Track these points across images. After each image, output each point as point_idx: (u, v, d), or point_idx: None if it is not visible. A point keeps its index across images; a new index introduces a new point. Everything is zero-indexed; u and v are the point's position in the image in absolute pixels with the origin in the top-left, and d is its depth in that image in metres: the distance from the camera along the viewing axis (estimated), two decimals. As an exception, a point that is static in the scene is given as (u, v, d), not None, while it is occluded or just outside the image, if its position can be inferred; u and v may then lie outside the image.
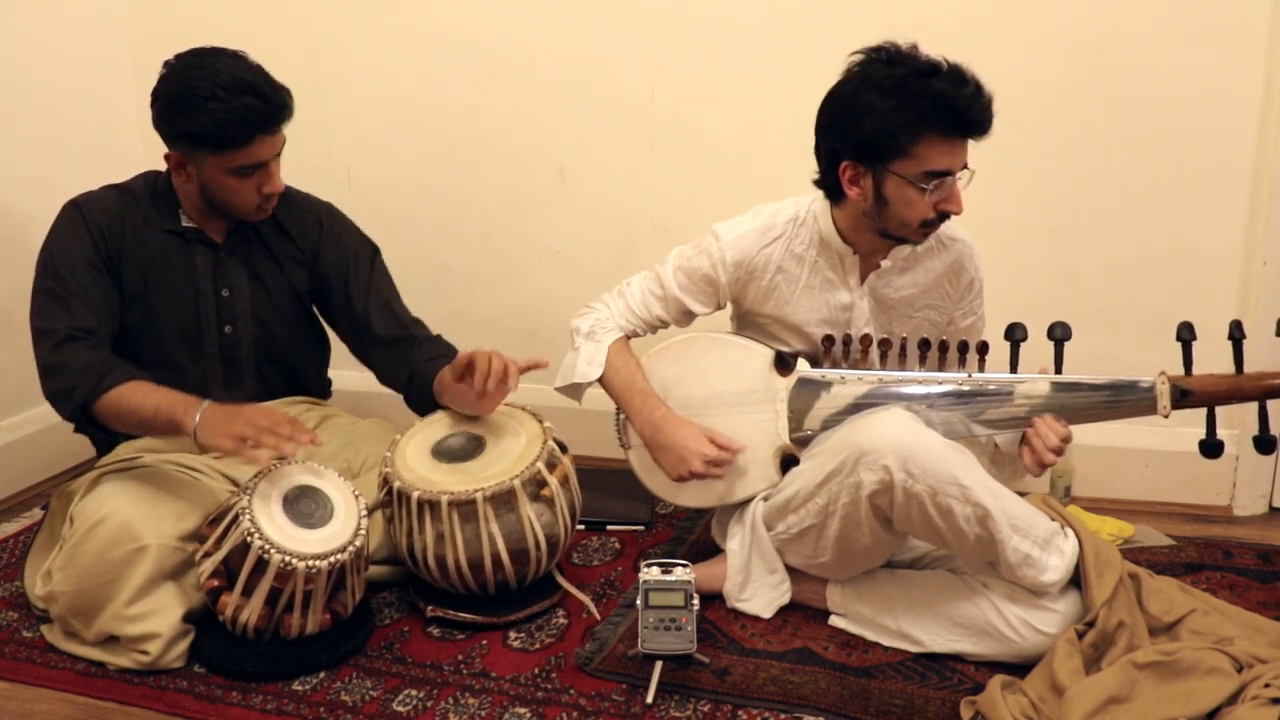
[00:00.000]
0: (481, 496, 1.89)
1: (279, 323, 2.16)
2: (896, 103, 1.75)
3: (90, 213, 2.00)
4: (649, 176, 2.65)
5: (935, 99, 1.74)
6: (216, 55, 1.93)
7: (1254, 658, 1.67)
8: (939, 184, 1.80)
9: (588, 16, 2.60)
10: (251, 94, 1.90)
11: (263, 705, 1.79)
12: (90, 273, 1.97)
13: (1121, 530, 2.32)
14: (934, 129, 1.76)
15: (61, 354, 1.90)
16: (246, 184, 1.97)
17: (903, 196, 1.82)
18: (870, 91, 1.78)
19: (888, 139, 1.77)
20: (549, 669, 1.87)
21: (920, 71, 1.76)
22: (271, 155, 1.98)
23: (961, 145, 1.80)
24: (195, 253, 2.06)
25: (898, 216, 1.84)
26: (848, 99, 1.81)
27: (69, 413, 1.91)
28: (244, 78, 1.90)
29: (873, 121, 1.77)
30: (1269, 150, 2.28)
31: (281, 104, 1.94)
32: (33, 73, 2.68)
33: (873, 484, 1.77)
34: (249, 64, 1.95)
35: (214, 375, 2.12)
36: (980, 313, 2.09)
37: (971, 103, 1.75)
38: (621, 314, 2.10)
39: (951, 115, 1.75)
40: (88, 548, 1.82)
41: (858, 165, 1.83)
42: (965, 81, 1.76)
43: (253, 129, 1.91)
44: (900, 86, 1.75)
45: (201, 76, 1.89)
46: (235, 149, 1.92)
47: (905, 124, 1.76)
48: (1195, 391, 1.80)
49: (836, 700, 1.76)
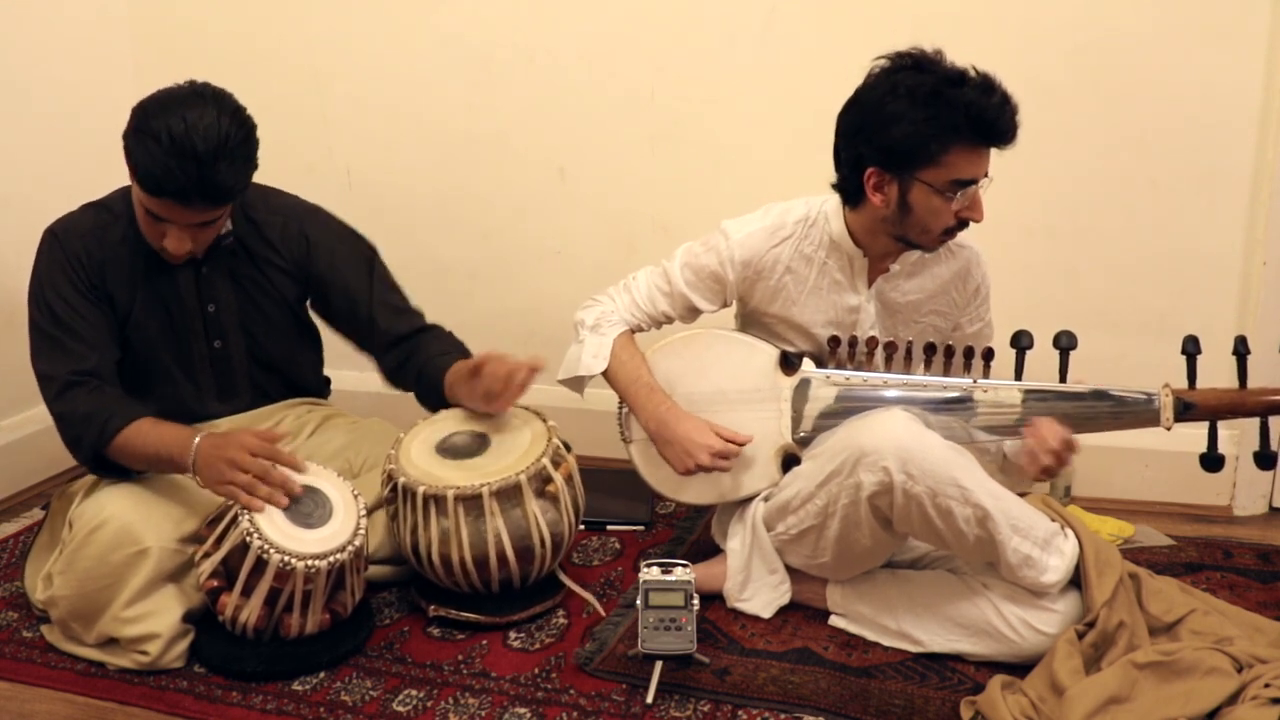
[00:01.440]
0: (488, 491, 1.89)
1: (269, 332, 2.13)
2: (927, 112, 1.75)
3: (68, 241, 1.94)
4: (649, 176, 2.65)
5: (968, 109, 1.73)
6: (206, 108, 1.79)
7: (1254, 658, 1.67)
8: (964, 192, 1.80)
9: (588, 16, 2.60)
10: (188, 160, 1.76)
11: (263, 705, 1.79)
12: (82, 303, 1.93)
13: (1121, 530, 2.32)
14: (964, 138, 1.76)
15: (63, 403, 1.89)
16: (153, 227, 1.90)
17: (928, 204, 1.81)
18: (900, 100, 1.77)
19: (918, 147, 1.77)
20: (549, 669, 1.87)
21: (951, 80, 1.75)
22: (182, 221, 1.86)
23: (986, 153, 1.80)
24: (176, 270, 2.01)
25: (920, 223, 1.84)
26: (875, 105, 1.80)
27: (82, 460, 1.91)
28: (195, 145, 1.75)
29: (902, 129, 1.76)
30: (1269, 150, 2.28)
31: (211, 191, 1.80)
32: (33, 73, 2.68)
33: (873, 485, 1.77)
34: (222, 137, 1.78)
35: (208, 388, 2.10)
36: (987, 319, 2.09)
37: (1001, 112, 1.75)
38: (627, 308, 2.10)
39: (983, 125, 1.75)
40: (88, 551, 1.82)
41: (884, 172, 1.82)
42: (994, 90, 1.75)
43: (160, 189, 1.80)
44: (932, 95, 1.74)
45: (170, 114, 1.77)
46: (144, 192, 1.84)
47: (936, 133, 1.75)
48: (1198, 405, 1.81)
49: (836, 700, 1.76)
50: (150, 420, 1.89)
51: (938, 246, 1.91)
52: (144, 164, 1.79)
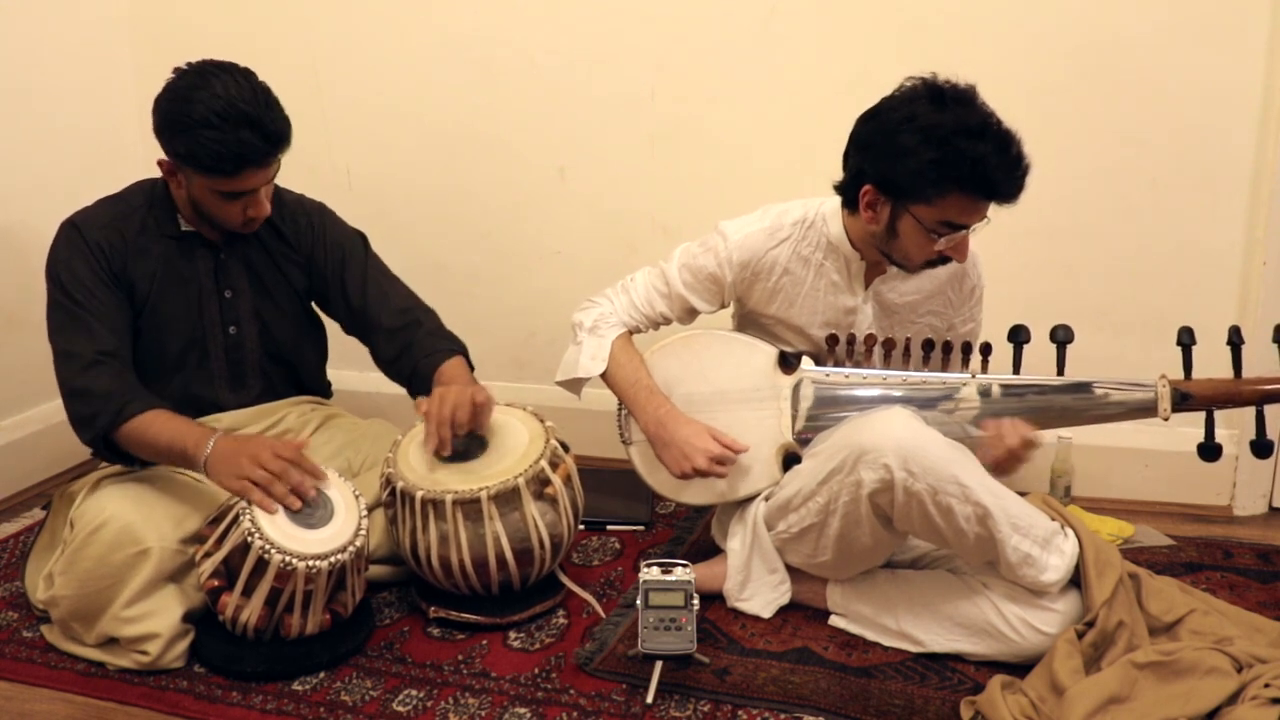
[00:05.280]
0: (486, 495, 1.89)
1: (281, 322, 2.16)
2: (935, 155, 1.72)
3: (89, 230, 1.97)
4: (649, 176, 2.65)
5: (976, 164, 1.71)
6: (221, 75, 1.86)
7: (1254, 658, 1.67)
8: (952, 235, 1.80)
9: (588, 17, 2.60)
10: (248, 126, 1.83)
11: (263, 705, 1.79)
12: (102, 291, 1.95)
13: (1121, 530, 2.32)
14: (964, 189, 1.74)
15: (87, 378, 1.88)
16: (233, 206, 1.94)
17: (914, 236, 1.81)
18: (913, 134, 1.74)
19: (916, 186, 1.76)
20: (549, 669, 1.87)
21: (968, 131, 1.71)
22: (262, 184, 1.93)
23: (985, 204, 1.78)
24: (196, 256, 2.05)
25: (903, 250, 1.85)
26: (889, 132, 1.77)
27: (90, 438, 1.90)
28: (243, 108, 1.83)
29: (906, 165, 1.75)
30: (1269, 150, 2.28)
31: (278, 139, 1.89)
32: (33, 74, 2.68)
33: (873, 483, 1.78)
34: (252, 89, 1.87)
35: (220, 376, 2.12)
36: (978, 319, 2.09)
37: (1008, 174, 1.73)
38: (625, 309, 2.10)
39: (986, 183, 1.73)
40: (89, 552, 1.82)
41: (879, 194, 1.82)
42: (1008, 150, 1.72)
43: (243, 162, 1.86)
44: (944, 141, 1.71)
45: (200, 98, 1.83)
46: (223, 177, 1.88)
47: (936, 178, 1.73)
48: (1195, 395, 1.81)
49: (836, 700, 1.76)
50: (168, 412, 1.90)
51: (918, 272, 1.92)
52: (212, 151, 1.83)
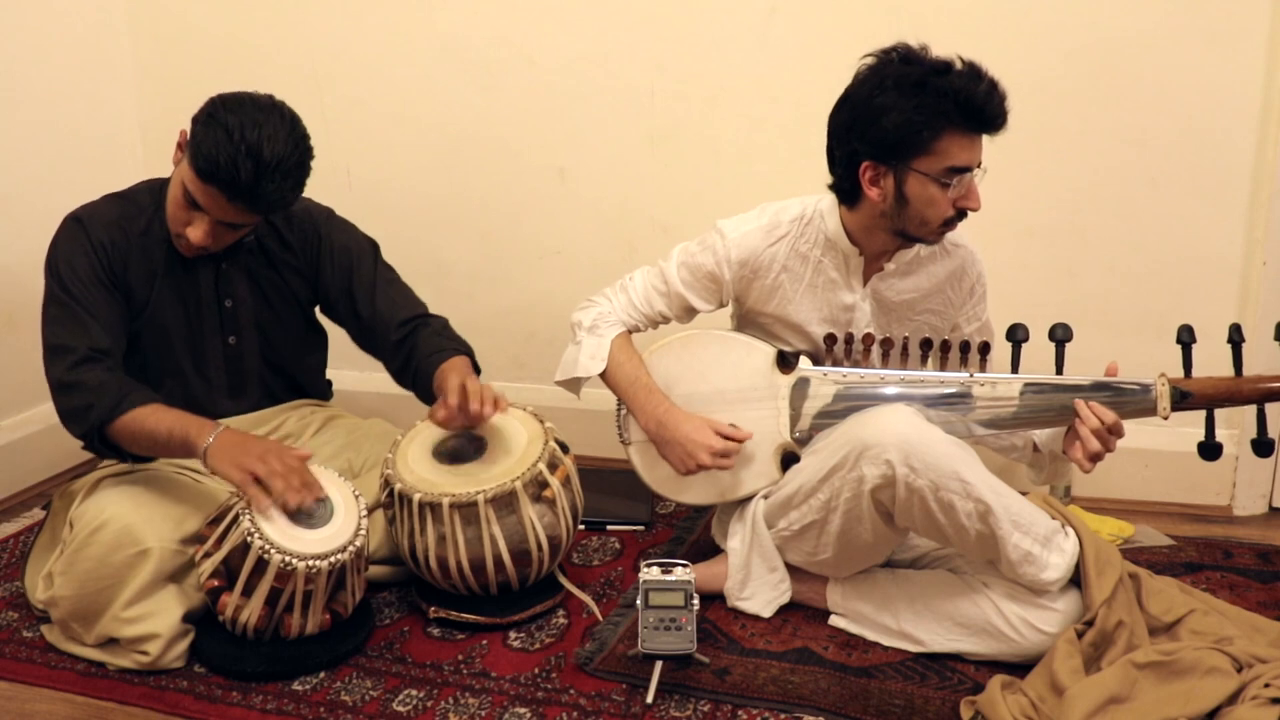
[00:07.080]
0: (483, 498, 1.89)
1: (281, 332, 2.15)
2: (917, 100, 1.76)
3: (92, 228, 1.96)
4: (649, 176, 2.66)
5: (956, 95, 1.74)
6: (280, 118, 1.86)
7: (1254, 658, 1.67)
8: (960, 180, 1.80)
9: (587, 17, 2.60)
10: (247, 157, 1.81)
11: (263, 705, 1.79)
12: (100, 290, 1.94)
13: (1121, 530, 2.32)
14: (955, 125, 1.77)
15: (79, 372, 1.87)
16: (183, 212, 1.92)
17: (925, 194, 1.82)
18: (889, 91, 1.78)
19: (910, 136, 1.78)
20: (549, 669, 1.87)
21: (937, 69, 1.77)
22: (216, 213, 1.89)
23: (979, 141, 1.81)
24: (197, 263, 2.04)
25: (918, 215, 1.84)
26: (865, 100, 1.81)
27: (83, 431, 1.88)
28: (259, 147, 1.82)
29: (893, 119, 1.77)
30: (1269, 150, 2.28)
31: (252, 199, 1.85)
32: (33, 73, 2.68)
33: (875, 478, 1.78)
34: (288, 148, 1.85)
35: (219, 385, 2.11)
36: (985, 319, 2.09)
37: (990, 98, 1.76)
38: (623, 308, 2.10)
39: (972, 110, 1.76)
40: (89, 552, 1.82)
41: (878, 165, 1.83)
42: (980, 77, 1.77)
43: (215, 177, 1.83)
44: (919, 85, 1.76)
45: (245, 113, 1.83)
46: (195, 173, 1.85)
47: (926, 120, 1.76)
48: (1194, 393, 1.81)
49: (836, 700, 1.76)
50: (165, 405, 1.89)
51: (938, 239, 1.91)
52: (206, 147, 1.83)
